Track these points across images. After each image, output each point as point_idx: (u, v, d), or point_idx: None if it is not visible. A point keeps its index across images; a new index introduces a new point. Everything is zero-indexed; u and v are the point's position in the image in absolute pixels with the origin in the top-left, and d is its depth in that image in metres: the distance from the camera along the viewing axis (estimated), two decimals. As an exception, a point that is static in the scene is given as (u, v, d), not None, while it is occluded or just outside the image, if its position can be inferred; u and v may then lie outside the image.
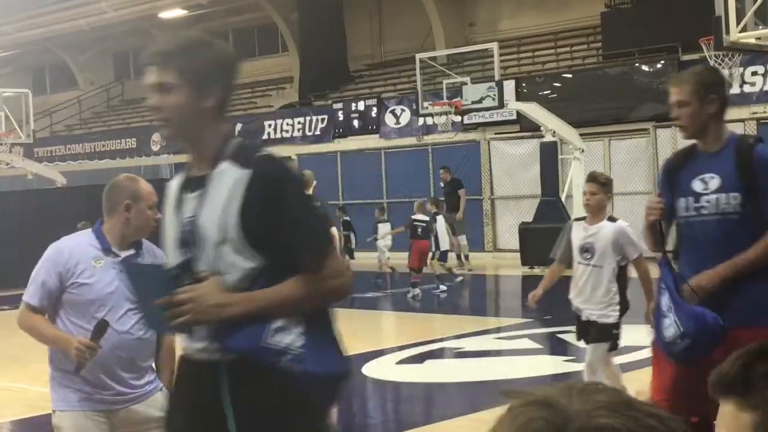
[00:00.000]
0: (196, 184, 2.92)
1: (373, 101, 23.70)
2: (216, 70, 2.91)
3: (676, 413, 1.07)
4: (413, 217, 15.79)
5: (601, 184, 6.99)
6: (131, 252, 4.17)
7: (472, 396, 8.69)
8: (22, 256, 19.28)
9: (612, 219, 7.20)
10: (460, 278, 16.95)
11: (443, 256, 16.21)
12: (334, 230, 10.17)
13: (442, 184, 19.96)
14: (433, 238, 15.84)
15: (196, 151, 2.99)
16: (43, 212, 20.38)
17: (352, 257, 17.71)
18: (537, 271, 18.49)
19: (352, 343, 10.22)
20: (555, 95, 20.48)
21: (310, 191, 10.19)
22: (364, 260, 19.50)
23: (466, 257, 18.96)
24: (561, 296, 7.79)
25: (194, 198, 2.91)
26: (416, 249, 15.43)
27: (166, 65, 2.85)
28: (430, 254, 15.91)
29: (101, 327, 4.03)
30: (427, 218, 15.79)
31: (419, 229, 15.50)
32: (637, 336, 10.34)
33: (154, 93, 2.88)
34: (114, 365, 4.10)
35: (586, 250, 6.92)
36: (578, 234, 7.06)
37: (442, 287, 15.99)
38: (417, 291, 15.33)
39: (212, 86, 2.89)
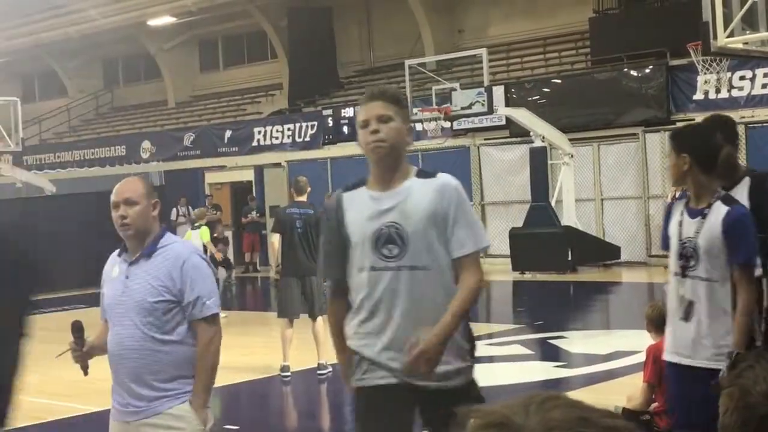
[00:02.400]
0: None
1: (363, 107, 23.68)
2: None
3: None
4: None
5: None
6: (137, 256, 4.08)
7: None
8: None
9: None
10: None
11: None
12: (275, 237, 10.16)
13: None
14: None
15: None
16: (32, 220, 20.33)
17: None
18: (528, 276, 18.53)
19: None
20: (544, 100, 20.52)
21: (305, 198, 10.20)
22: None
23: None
24: (552, 302, 7.81)
25: None
26: None
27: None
28: None
29: (74, 328, 4.08)
30: None
31: None
32: (628, 341, 10.37)
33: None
34: (123, 376, 4.04)
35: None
36: None
37: None
38: None
39: None
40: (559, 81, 21.28)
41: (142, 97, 33.48)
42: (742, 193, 4.84)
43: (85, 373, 4.18)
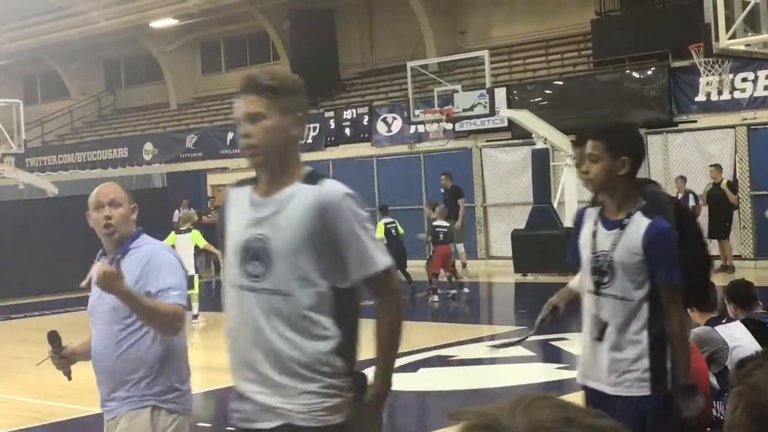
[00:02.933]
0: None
1: (365, 109, 23.72)
2: None
3: None
4: (434, 222, 16.25)
5: None
6: (113, 258, 4.06)
7: (466, 404, 8.66)
8: (12, 267, 19.36)
9: None
10: (465, 290, 16.69)
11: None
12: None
13: (441, 190, 19.95)
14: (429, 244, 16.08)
15: None
16: (34, 222, 20.34)
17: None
18: (530, 278, 18.51)
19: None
20: (546, 102, 20.52)
21: None
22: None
23: (464, 265, 18.94)
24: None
25: None
26: (439, 254, 15.80)
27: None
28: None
29: (50, 338, 4.11)
30: (447, 224, 16.26)
31: (441, 235, 15.89)
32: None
33: None
34: (101, 377, 4.10)
35: None
36: None
37: (435, 298, 16.05)
38: (435, 297, 15.78)
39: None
40: (561, 83, 21.28)
41: (144, 99, 33.50)
42: None
43: (69, 378, 4.25)
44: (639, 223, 3.94)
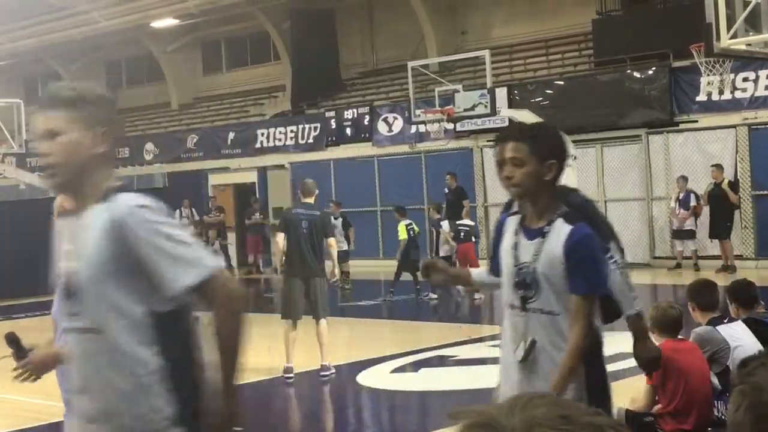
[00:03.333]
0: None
1: (366, 109, 23.72)
2: None
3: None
4: (457, 221, 16.68)
5: None
6: None
7: (467, 404, 8.65)
8: (13, 267, 19.35)
9: None
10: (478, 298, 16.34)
11: None
12: (280, 236, 10.16)
13: (446, 190, 19.96)
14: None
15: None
16: (35, 222, 20.34)
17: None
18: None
19: (346, 352, 10.28)
20: (547, 102, 20.51)
21: (312, 200, 10.21)
22: (362, 268, 19.50)
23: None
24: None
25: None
26: (460, 252, 16.08)
27: None
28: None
29: (8, 340, 3.73)
30: (471, 223, 16.84)
31: (462, 233, 16.24)
32: (631, 343, 10.36)
33: None
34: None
35: None
36: None
37: (432, 294, 16.07)
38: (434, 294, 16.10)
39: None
40: (562, 82, 21.27)
41: (145, 99, 33.51)
42: None
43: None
44: (560, 231, 3.68)
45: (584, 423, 1.01)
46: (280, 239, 10.09)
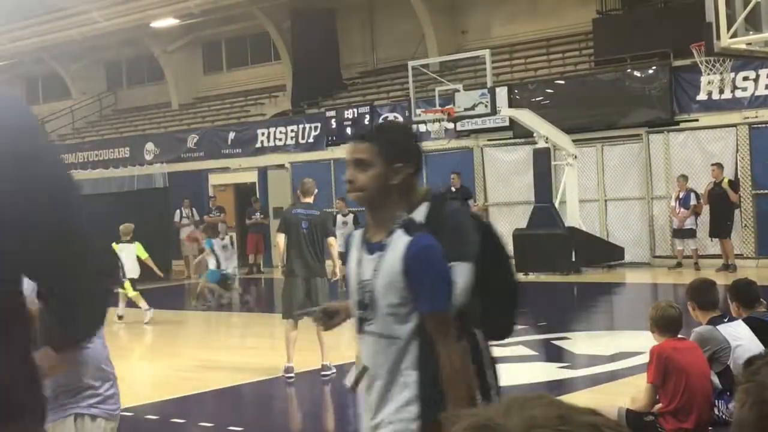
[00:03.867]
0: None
1: (366, 109, 23.72)
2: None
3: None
4: None
5: None
6: None
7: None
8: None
9: None
10: None
11: None
12: (280, 237, 10.19)
13: (453, 189, 19.98)
14: None
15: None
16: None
17: None
18: (532, 277, 18.50)
19: (347, 352, 10.22)
20: (547, 101, 20.51)
21: (311, 199, 10.19)
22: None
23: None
24: (555, 303, 7.80)
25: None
26: None
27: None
28: None
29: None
30: (486, 222, 16.48)
31: None
32: (632, 342, 10.36)
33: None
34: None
35: None
36: None
37: None
38: None
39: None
40: (563, 82, 21.27)
41: (146, 99, 33.51)
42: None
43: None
44: (399, 243, 3.22)
45: (582, 422, 1.02)
46: (280, 240, 10.10)
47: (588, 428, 1.01)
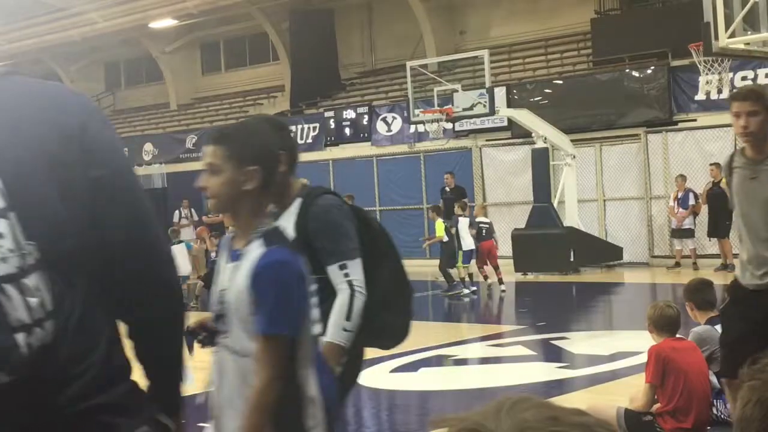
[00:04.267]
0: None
1: (365, 109, 23.73)
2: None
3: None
4: (477, 219, 16.92)
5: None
6: None
7: (467, 404, 8.69)
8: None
9: None
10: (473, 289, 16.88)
11: (467, 259, 16.62)
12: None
13: (447, 189, 19.97)
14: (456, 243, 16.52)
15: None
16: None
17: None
18: (530, 277, 18.52)
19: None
20: (546, 102, 20.53)
21: None
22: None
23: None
24: (554, 303, 7.80)
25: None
26: (484, 249, 16.51)
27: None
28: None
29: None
30: (488, 220, 17.12)
31: (483, 231, 16.60)
32: (630, 342, 10.37)
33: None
34: None
35: None
36: None
37: (466, 290, 16.34)
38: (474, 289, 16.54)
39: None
40: (561, 82, 21.29)
41: (144, 100, 33.52)
42: (289, 220, 3.70)
43: None
44: (252, 255, 3.00)
45: (573, 423, 1.02)
46: None
47: (580, 428, 1.02)
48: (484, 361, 10.75)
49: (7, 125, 1.97)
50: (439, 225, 16.65)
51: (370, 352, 3.74)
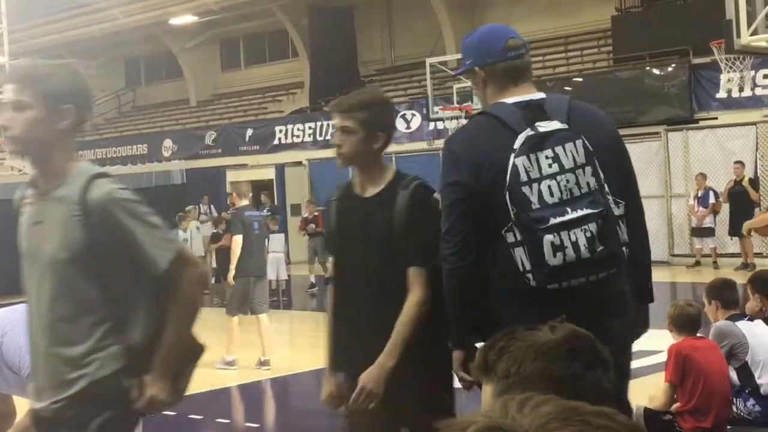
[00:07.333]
0: None
1: (384, 106, 23.69)
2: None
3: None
4: None
5: None
6: None
7: (467, 404, 8.65)
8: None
9: None
10: None
11: None
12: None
13: None
14: None
15: None
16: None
17: None
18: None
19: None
20: (566, 99, 20.44)
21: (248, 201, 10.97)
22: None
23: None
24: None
25: None
26: None
27: None
28: None
29: None
30: None
31: None
32: (650, 341, 10.32)
33: None
34: None
35: None
36: None
37: None
38: None
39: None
40: (581, 80, 21.21)
41: (164, 96, 33.63)
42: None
43: None
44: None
45: (593, 412, 1.01)
46: (239, 241, 10.30)
47: (602, 417, 1.01)
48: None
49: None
50: None
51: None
